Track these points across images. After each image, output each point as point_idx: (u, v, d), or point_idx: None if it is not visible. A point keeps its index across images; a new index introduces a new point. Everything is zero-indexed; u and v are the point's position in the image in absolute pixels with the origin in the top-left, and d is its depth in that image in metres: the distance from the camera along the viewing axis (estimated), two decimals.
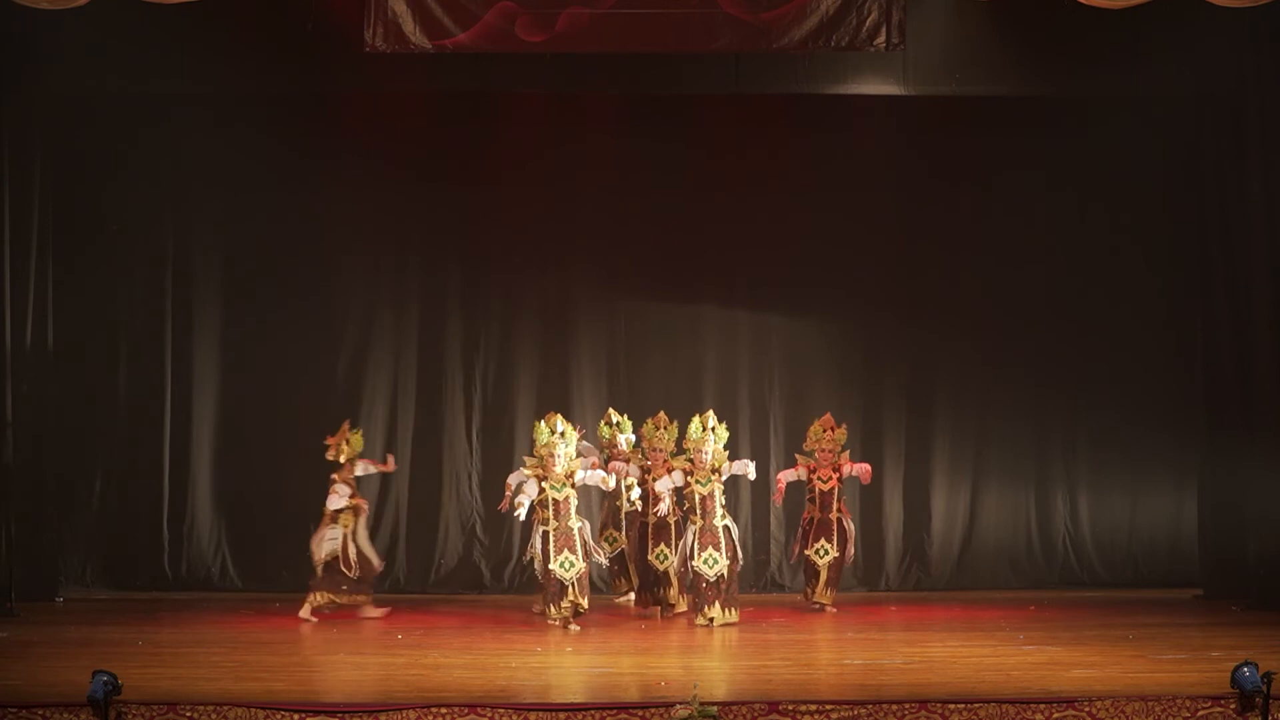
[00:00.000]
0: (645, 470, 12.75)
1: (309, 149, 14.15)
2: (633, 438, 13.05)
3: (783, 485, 12.97)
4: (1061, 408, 14.48)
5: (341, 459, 12.81)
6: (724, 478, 12.37)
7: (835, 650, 11.21)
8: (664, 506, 12.40)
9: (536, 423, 12.41)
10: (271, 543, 14.19)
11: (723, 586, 12.08)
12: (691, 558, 12.14)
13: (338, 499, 12.67)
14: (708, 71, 13.20)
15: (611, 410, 13.35)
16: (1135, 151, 14.10)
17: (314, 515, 14.19)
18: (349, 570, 12.56)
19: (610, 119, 14.42)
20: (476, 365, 14.41)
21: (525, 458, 12.78)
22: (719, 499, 12.28)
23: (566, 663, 10.66)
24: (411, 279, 14.40)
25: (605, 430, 13.16)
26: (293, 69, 13.06)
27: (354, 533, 12.71)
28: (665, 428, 12.73)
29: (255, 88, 13.39)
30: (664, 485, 12.37)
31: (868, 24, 12.00)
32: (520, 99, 14.21)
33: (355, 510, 12.76)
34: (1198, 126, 13.74)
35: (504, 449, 14.11)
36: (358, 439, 12.97)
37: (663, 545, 12.67)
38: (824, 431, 12.96)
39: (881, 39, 12.04)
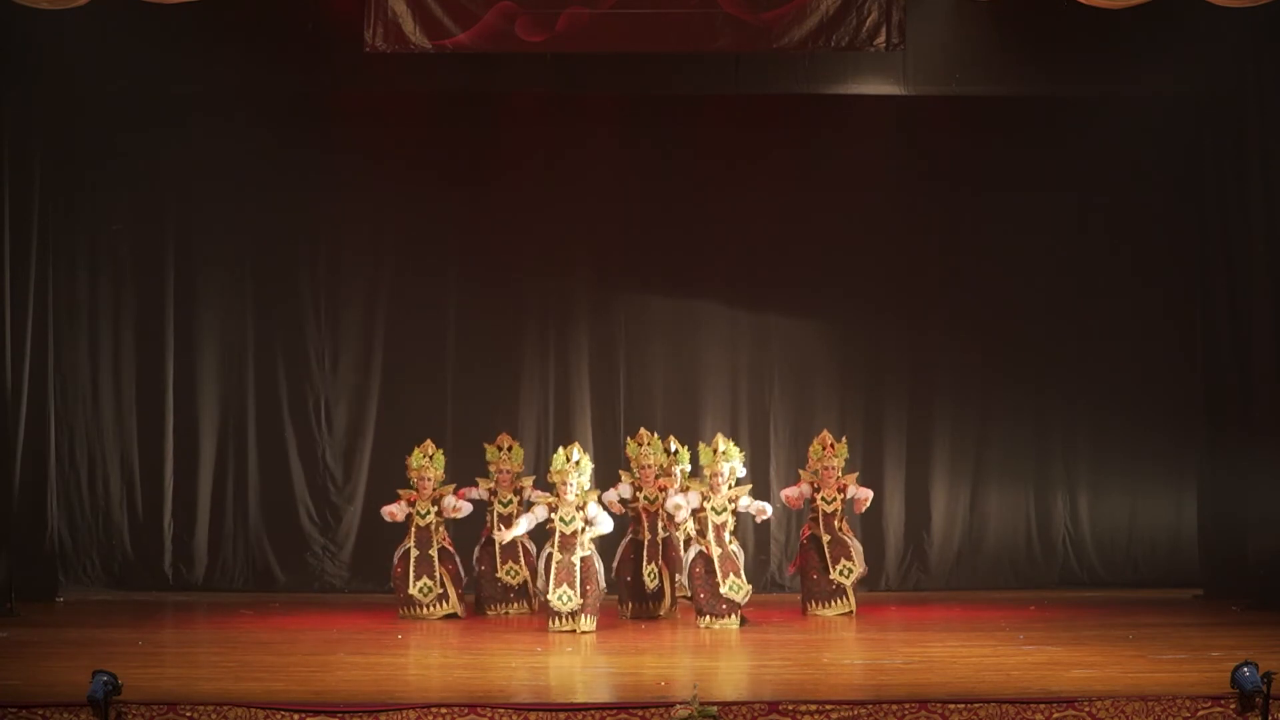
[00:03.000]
0: (636, 488, 12.65)
1: (309, 148, 14.16)
2: (688, 467, 12.79)
3: (791, 501, 12.94)
4: (1061, 408, 14.48)
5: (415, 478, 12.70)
6: (738, 509, 12.27)
7: (835, 650, 11.21)
8: (685, 518, 12.29)
9: (558, 449, 12.34)
10: (271, 543, 14.21)
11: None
12: (720, 582, 12.05)
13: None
14: (708, 71, 13.20)
15: (671, 438, 13.05)
16: (1135, 152, 14.10)
17: (314, 515, 14.24)
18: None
19: (610, 119, 14.42)
20: (476, 365, 14.40)
21: (478, 479, 12.84)
22: (729, 527, 12.19)
23: (566, 663, 10.66)
24: (411, 278, 14.39)
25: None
26: (293, 69, 13.05)
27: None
28: (649, 443, 12.62)
29: (255, 87, 13.40)
30: (678, 502, 12.16)
31: (868, 24, 12.00)
32: (520, 99, 14.22)
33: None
34: (1198, 126, 13.74)
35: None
36: (439, 459, 12.81)
37: (653, 564, 12.59)
38: (824, 449, 12.84)
39: (881, 39, 12.04)
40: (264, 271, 14.31)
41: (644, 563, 12.55)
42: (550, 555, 11.97)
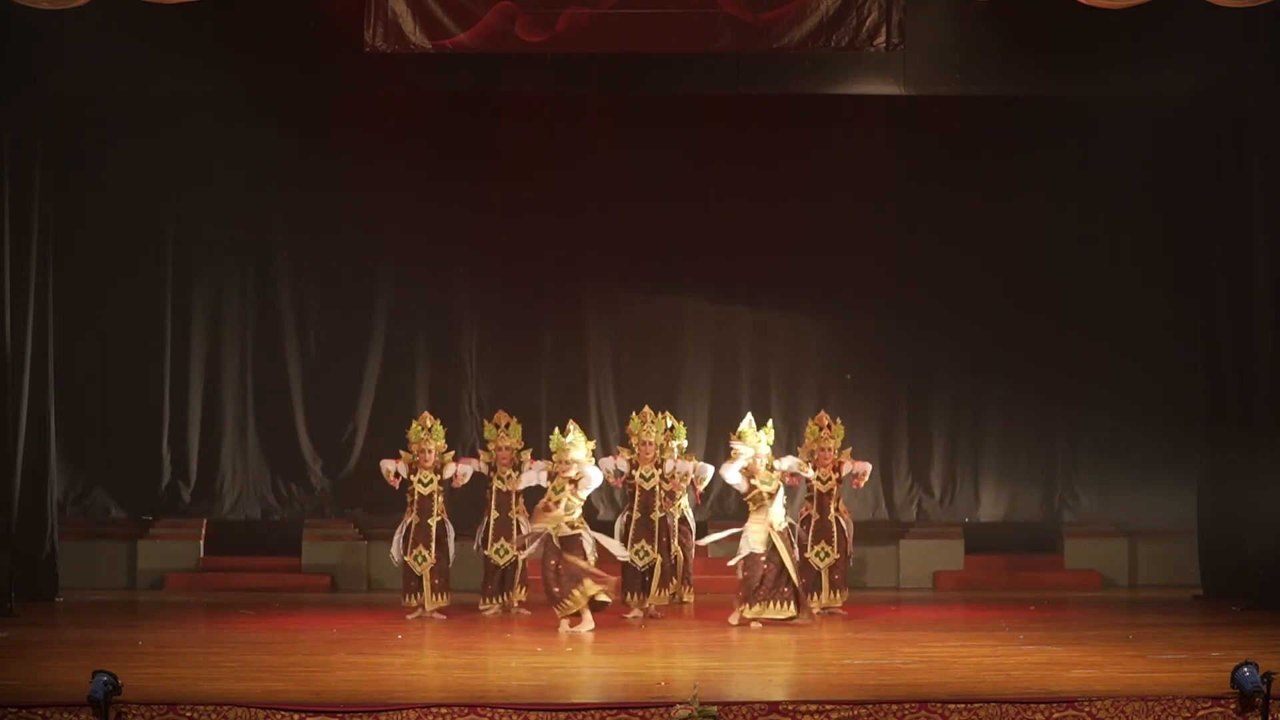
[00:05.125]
0: (633, 465, 12.70)
1: (309, 149, 14.18)
2: (685, 444, 13.07)
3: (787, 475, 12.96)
4: (1062, 408, 14.48)
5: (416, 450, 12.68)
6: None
7: (835, 650, 11.21)
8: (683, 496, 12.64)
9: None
10: (272, 471, 14.28)
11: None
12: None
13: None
14: (708, 71, 13.20)
15: (667, 414, 13.20)
16: (1135, 152, 14.10)
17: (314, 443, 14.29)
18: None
19: (610, 119, 14.44)
20: (477, 362, 14.41)
21: (479, 451, 12.86)
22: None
23: (566, 663, 10.65)
24: (411, 277, 14.41)
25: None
26: (293, 69, 13.06)
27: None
28: (653, 421, 12.71)
29: (255, 88, 13.41)
30: (686, 469, 12.68)
31: (868, 24, 12.00)
32: (520, 99, 14.22)
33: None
34: (1198, 126, 13.73)
35: None
36: (438, 430, 12.83)
37: (643, 542, 12.63)
38: (820, 430, 12.86)
39: (881, 39, 12.04)
40: (263, 270, 14.32)
41: (632, 540, 12.58)
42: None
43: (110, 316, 14.20)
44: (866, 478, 12.96)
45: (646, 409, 12.89)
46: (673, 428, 13.03)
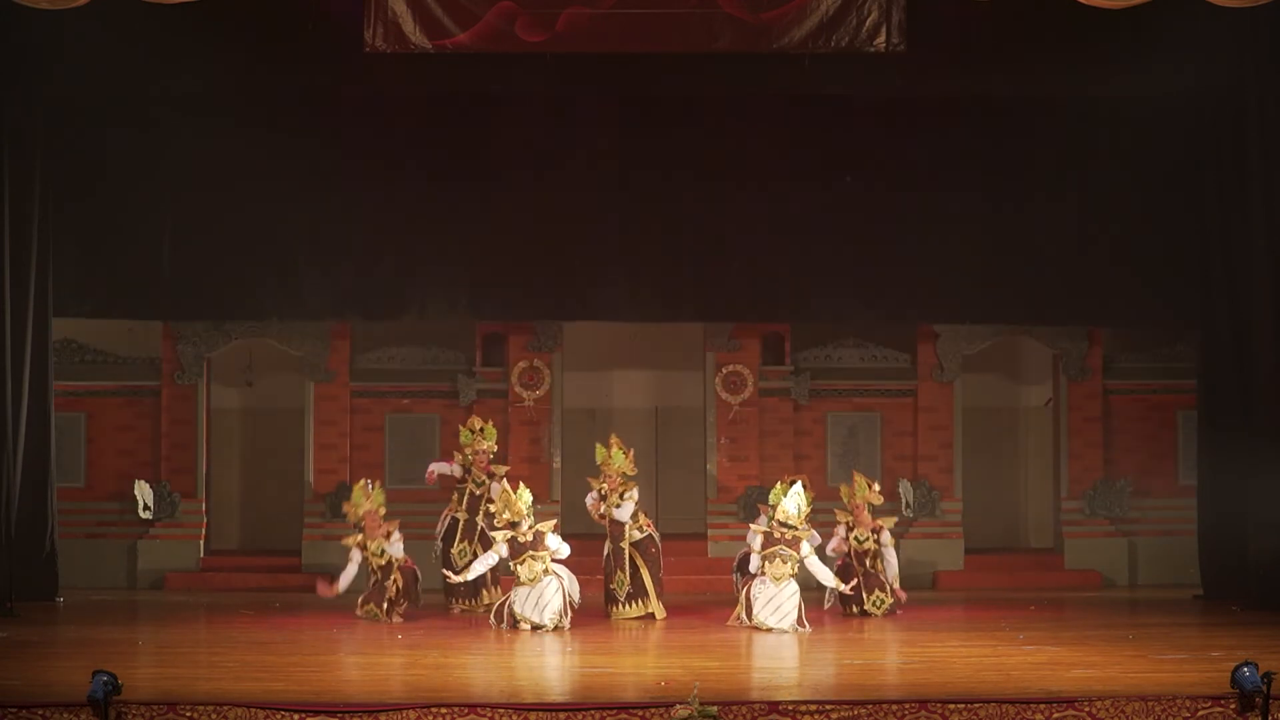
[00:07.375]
0: (601, 496, 12.58)
1: (309, 148, 14.11)
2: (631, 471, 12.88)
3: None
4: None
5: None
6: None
7: (835, 650, 11.22)
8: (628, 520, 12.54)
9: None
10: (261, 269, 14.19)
11: None
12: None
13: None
14: (708, 71, 13.18)
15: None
16: (1136, 152, 14.07)
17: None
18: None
19: (610, 119, 14.39)
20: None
21: (455, 453, 12.93)
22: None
23: (566, 663, 10.67)
24: (409, 277, 14.37)
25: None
26: (293, 68, 13.05)
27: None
28: (621, 449, 12.55)
29: (255, 87, 13.38)
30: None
31: (868, 24, 12.02)
32: (520, 99, 14.19)
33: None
34: (1198, 126, 13.71)
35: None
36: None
37: (621, 573, 12.54)
38: (867, 489, 12.79)
39: (881, 39, 12.05)
40: (262, 270, 14.28)
41: (612, 571, 12.56)
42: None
43: (109, 313, 14.13)
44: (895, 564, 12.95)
45: (614, 437, 12.73)
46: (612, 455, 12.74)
